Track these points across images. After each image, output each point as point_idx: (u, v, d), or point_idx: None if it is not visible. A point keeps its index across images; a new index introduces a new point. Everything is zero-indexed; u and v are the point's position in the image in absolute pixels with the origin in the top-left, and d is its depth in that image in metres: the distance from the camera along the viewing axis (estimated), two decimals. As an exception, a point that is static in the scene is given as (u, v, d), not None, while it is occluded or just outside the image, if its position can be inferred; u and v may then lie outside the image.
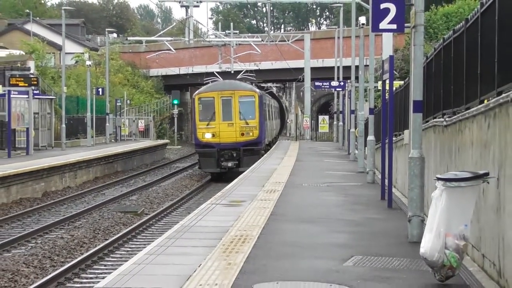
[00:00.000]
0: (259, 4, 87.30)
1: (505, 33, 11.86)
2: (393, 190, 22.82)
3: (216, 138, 51.75)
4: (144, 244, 22.14)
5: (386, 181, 22.88)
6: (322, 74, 76.72)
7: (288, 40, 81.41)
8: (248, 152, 51.13)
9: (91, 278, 19.55)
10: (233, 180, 30.36)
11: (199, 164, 55.06)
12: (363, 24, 43.04)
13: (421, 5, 16.21)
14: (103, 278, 13.40)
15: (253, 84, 64.59)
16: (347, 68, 55.20)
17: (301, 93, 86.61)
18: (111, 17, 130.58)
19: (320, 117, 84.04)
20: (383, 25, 17.38)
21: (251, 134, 52.10)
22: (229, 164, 50.62)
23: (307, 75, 77.07)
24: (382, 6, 17.46)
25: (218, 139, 51.57)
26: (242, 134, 51.87)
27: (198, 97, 53.44)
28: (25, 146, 53.58)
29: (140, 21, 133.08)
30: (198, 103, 52.79)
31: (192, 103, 55.70)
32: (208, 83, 62.90)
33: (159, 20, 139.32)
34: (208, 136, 51.74)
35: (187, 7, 58.73)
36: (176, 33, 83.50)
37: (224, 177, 51.00)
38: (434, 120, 18.78)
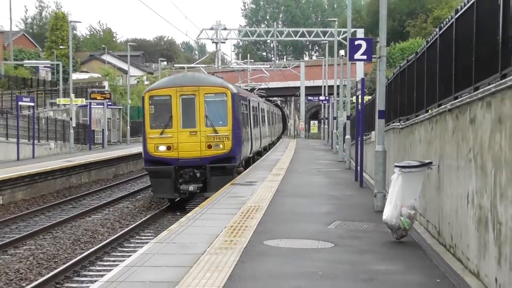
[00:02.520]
0: (268, 41, 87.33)
1: (444, 63, 11.84)
2: (364, 174, 22.77)
3: (173, 152, 25.71)
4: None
5: (359, 167, 22.92)
6: (313, 91, 76.34)
7: (289, 67, 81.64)
8: (218, 170, 25.49)
9: (148, 236, 19.55)
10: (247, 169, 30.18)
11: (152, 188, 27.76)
12: (342, 55, 43.07)
13: (383, 42, 16.22)
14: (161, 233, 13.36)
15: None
16: (331, 87, 54.99)
17: (298, 104, 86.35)
18: (162, 50, 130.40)
19: (311, 122, 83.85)
20: (357, 56, 17.44)
21: (221, 146, 25.88)
22: (191, 187, 25.20)
23: (302, 92, 76.73)
24: (356, 42, 17.67)
25: (176, 153, 25.66)
26: (209, 147, 25.73)
27: (148, 96, 26.13)
28: (101, 142, 56.36)
29: (183, 52, 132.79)
30: (149, 103, 25.96)
31: (142, 104, 27.43)
32: None
33: (196, 52, 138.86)
34: (162, 149, 25.57)
35: (216, 43, 58.50)
36: (209, 61, 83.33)
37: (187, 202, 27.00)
38: (393, 124, 18.75)
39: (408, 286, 8.62)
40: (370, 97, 28.37)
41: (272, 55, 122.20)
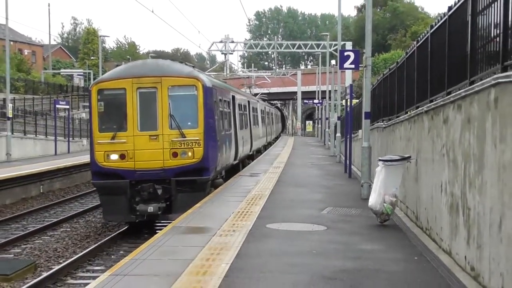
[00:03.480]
0: (269, 52, 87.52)
1: (421, 71, 11.83)
2: (352, 167, 22.76)
3: (128, 162, 16.34)
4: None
5: (348, 161, 22.90)
6: (308, 95, 76.34)
7: (287, 74, 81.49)
8: (186, 186, 16.37)
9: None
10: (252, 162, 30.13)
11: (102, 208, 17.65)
12: (333, 64, 43.09)
13: (369, 53, 16.21)
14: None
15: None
16: (323, 92, 54.99)
17: (295, 107, 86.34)
18: (178, 60, 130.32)
19: (307, 122, 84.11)
20: (346, 65, 17.46)
21: (190, 154, 16.34)
22: (151, 208, 15.95)
23: (299, 96, 76.77)
24: (345, 53, 17.69)
25: (132, 164, 16.32)
26: (175, 155, 16.32)
27: (96, 89, 16.62)
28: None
29: (197, 62, 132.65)
30: (97, 99, 16.60)
31: (89, 100, 17.23)
32: None
33: (208, 62, 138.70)
34: (113, 158, 16.34)
35: (225, 54, 58.66)
36: (218, 70, 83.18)
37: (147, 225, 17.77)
38: (377, 124, 18.74)
39: (390, 263, 8.63)
40: (358, 100, 28.36)
41: (273, 64, 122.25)
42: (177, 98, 16.13)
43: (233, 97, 22.74)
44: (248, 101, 29.30)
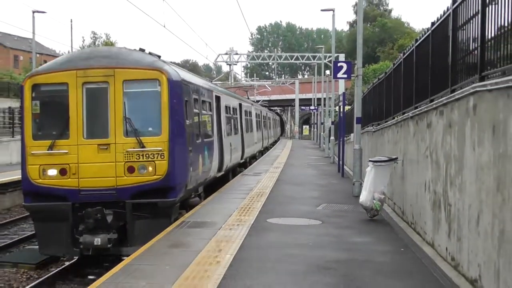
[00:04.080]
0: (270, 63, 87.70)
1: (407, 80, 11.83)
2: (345, 167, 22.76)
3: (70, 179, 10.84)
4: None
5: (341, 162, 22.89)
6: (305, 102, 76.24)
7: (286, 83, 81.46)
8: (145, 210, 10.94)
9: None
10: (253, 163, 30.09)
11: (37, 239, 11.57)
12: (328, 74, 43.08)
13: (360, 64, 16.21)
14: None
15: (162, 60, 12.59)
16: (319, 99, 54.93)
17: (293, 112, 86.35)
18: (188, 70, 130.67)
19: (304, 126, 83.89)
20: (339, 75, 17.44)
21: (150, 169, 10.93)
22: (98, 239, 10.60)
23: (297, 102, 76.63)
24: (339, 64, 17.66)
25: (76, 181, 10.83)
26: (131, 170, 10.86)
27: (31, 84, 11.16)
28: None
29: (204, 72, 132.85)
30: (32, 96, 11.11)
31: (21, 98, 11.28)
32: None
33: (214, 72, 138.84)
34: (52, 174, 10.78)
35: (230, 65, 58.64)
36: (224, 79, 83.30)
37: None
38: (367, 128, 18.73)
39: (379, 254, 8.63)
40: (350, 107, 28.34)
41: (273, 74, 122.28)
42: (134, 96, 11.26)
43: (218, 98, 17.60)
44: (240, 104, 24.36)
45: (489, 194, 6.15)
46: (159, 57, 12.45)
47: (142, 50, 12.36)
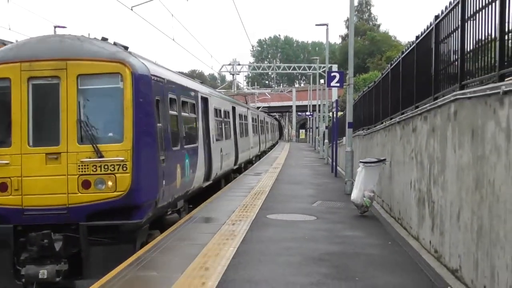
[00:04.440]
0: (269, 73, 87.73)
1: (394, 88, 11.85)
2: (338, 167, 22.75)
3: (11, 196, 7.84)
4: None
5: (334, 163, 22.87)
6: (301, 108, 76.07)
7: (284, 91, 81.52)
8: (104, 234, 7.90)
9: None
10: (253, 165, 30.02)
11: None
12: (322, 83, 43.02)
13: (351, 74, 16.21)
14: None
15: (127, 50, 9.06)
16: (314, 106, 54.90)
17: (291, 118, 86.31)
18: (194, 80, 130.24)
19: (300, 130, 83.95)
20: (333, 83, 17.44)
21: (110, 184, 7.98)
22: (44, 270, 7.54)
23: (294, 109, 76.64)
24: (332, 74, 17.65)
25: (18, 199, 7.81)
26: (87, 185, 7.84)
27: None
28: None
29: (209, 81, 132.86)
30: None
31: None
32: None
33: (218, 81, 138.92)
34: None
35: (233, 75, 58.68)
36: (227, 88, 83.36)
37: None
38: (358, 132, 18.74)
39: (368, 247, 8.63)
40: (342, 112, 28.36)
41: (272, 83, 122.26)
42: (91, 93, 8.57)
43: (205, 100, 14.56)
44: (233, 107, 21.12)
45: (469, 192, 6.18)
46: (126, 48, 9.21)
47: (104, 39, 9.13)
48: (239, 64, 58.61)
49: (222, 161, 16.67)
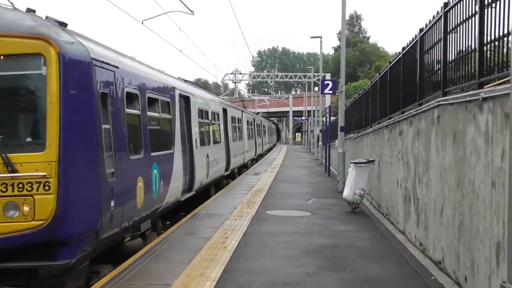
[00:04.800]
0: (268, 81, 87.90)
1: (382, 95, 11.85)
2: (331, 167, 22.73)
3: None
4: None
5: (327, 163, 22.85)
6: (297, 114, 76.13)
7: (282, 98, 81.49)
8: (16, 279, 4.72)
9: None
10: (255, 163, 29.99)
11: None
12: (316, 90, 43.01)
13: (343, 82, 16.24)
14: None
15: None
16: (309, 111, 54.88)
17: (288, 122, 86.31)
18: (199, 87, 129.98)
19: (297, 133, 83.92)
20: (326, 91, 17.44)
21: (25, 209, 4.86)
22: None
23: (291, 114, 76.67)
24: (326, 82, 17.66)
25: None
26: None
27: None
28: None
29: (213, 89, 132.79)
30: None
31: None
32: None
33: (222, 88, 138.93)
34: None
35: (235, 83, 58.67)
36: (230, 94, 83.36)
37: None
38: (349, 135, 18.73)
39: (359, 240, 8.62)
40: (335, 117, 28.35)
41: (271, 90, 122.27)
42: (1, 82, 5.79)
43: (186, 99, 11.61)
44: (224, 109, 17.79)
45: (451, 191, 6.17)
46: (63, 24, 6.19)
47: (30, 10, 6.10)
48: (240, 73, 58.61)
49: (209, 168, 13.65)
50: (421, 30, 8.04)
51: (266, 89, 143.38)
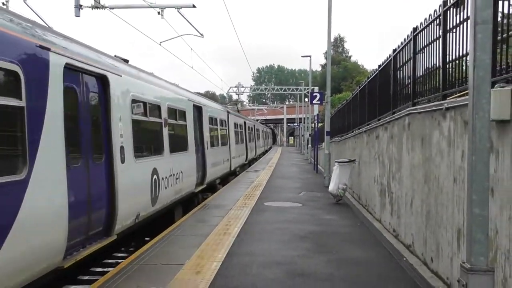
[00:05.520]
0: (266, 93, 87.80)
1: (362, 105, 11.84)
2: (318, 166, 22.69)
3: None
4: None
5: (316, 162, 22.80)
6: (291, 120, 76.17)
7: (277, 107, 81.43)
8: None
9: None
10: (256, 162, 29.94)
11: None
12: (306, 101, 43.00)
13: (329, 94, 16.22)
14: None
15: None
16: (300, 118, 54.85)
17: (283, 128, 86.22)
18: (208, 99, 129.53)
19: (290, 137, 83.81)
20: (315, 101, 17.39)
21: None
22: None
23: (285, 121, 76.62)
24: (314, 94, 17.56)
25: None
26: None
27: None
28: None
29: (219, 100, 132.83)
30: None
31: None
32: None
33: (227, 99, 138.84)
34: None
35: (238, 95, 58.62)
36: (233, 104, 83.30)
37: None
38: (334, 138, 18.71)
39: (342, 227, 8.61)
40: (322, 123, 28.32)
41: (268, 101, 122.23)
42: None
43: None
44: (200, 108, 12.14)
45: (419, 185, 6.17)
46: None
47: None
48: (242, 86, 58.52)
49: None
50: (394, 50, 8.05)
51: (264, 100, 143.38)
